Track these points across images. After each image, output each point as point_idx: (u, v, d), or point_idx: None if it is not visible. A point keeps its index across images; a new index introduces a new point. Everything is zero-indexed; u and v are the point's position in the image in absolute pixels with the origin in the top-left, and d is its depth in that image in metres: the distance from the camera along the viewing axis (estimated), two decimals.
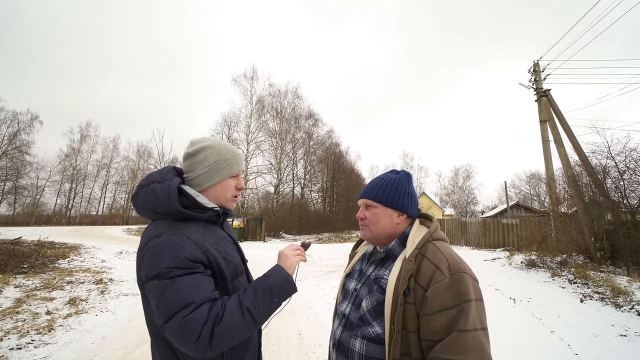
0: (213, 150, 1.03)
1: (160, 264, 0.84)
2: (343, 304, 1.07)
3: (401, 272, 0.89)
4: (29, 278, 6.12)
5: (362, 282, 1.03)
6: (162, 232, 0.89)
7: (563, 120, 9.37)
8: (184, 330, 0.78)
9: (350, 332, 0.98)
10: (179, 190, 0.97)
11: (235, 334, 0.82)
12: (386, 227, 1.02)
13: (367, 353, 0.91)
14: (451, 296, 0.82)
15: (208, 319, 0.79)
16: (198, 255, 0.88)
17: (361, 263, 1.12)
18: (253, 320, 0.85)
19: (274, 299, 0.90)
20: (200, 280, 0.86)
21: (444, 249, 0.93)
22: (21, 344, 3.16)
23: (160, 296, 0.82)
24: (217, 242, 0.98)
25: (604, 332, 3.71)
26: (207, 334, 0.78)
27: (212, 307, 0.82)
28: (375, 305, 0.93)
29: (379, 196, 1.03)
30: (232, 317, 0.82)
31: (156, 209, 0.95)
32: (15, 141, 31.85)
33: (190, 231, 0.91)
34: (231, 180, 1.06)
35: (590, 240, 7.87)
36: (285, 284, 0.94)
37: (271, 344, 3.33)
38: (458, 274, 0.86)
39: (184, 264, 0.84)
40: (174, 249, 0.85)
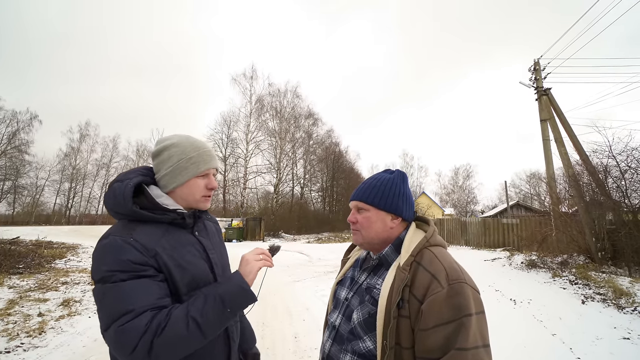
0: (177, 148, 0.96)
1: (102, 266, 0.78)
2: (333, 314, 0.99)
3: (395, 282, 0.82)
4: (24, 279, 6.05)
5: (354, 292, 0.95)
6: (110, 234, 0.83)
7: (564, 119, 9.29)
8: (120, 340, 0.72)
9: (340, 346, 0.90)
10: (141, 190, 0.91)
11: (178, 347, 0.75)
12: (379, 232, 0.94)
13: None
14: (449, 310, 0.74)
15: (148, 329, 0.72)
16: (145, 259, 0.81)
17: (353, 270, 1.04)
18: (200, 331, 0.77)
19: (226, 309, 0.81)
20: (146, 286, 0.79)
21: (442, 256, 0.85)
22: (10, 347, 3.09)
23: (101, 302, 0.77)
24: (175, 247, 0.89)
25: (606, 334, 3.63)
26: (146, 345, 0.71)
27: (155, 316, 0.75)
28: (366, 317, 0.86)
29: (370, 198, 0.94)
30: (176, 327, 0.74)
31: (116, 209, 0.89)
32: (15, 140, 31.82)
33: (142, 233, 0.84)
34: (199, 180, 0.97)
35: (591, 240, 7.79)
36: (240, 293, 0.85)
37: (266, 347, 3.26)
38: (457, 284, 0.77)
39: (128, 267, 0.78)
40: (117, 251, 0.79)
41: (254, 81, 28.25)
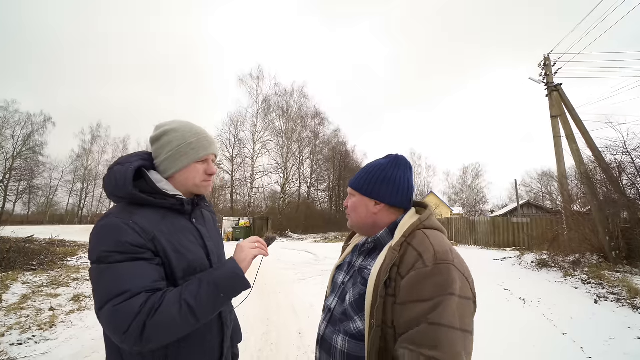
0: (177, 133, 0.95)
1: (100, 246, 0.79)
2: (330, 297, 1.00)
3: (384, 262, 0.81)
4: (37, 275, 6.21)
5: (350, 275, 0.95)
6: (110, 214, 0.84)
7: (575, 115, 9.07)
8: (113, 320, 0.73)
9: (333, 327, 0.91)
10: (141, 174, 0.91)
11: (170, 330, 0.75)
12: (363, 217, 0.95)
13: (348, 351, 0.83)
14: (430, 287, 0.72)
15: (141, 311, 0.73)
16: (143, 242, 0.81)
17: (352, 255, 1.04)
18: (193, 315, 0.77)
19: (220, 294, 0.81)
20: (143, 268, 0.79)
21: (434, 237, 0.83)
22: (22, 340, 3.17)
23: (96, 281, 0.78)
24: (173, 232, 0.89)
25: (620, 334, 3.52)
26: (138, 326, 0.72)
27: (149, 298, 0.75)
28: (357, 298, 0.85)
29: (355, 184, 0.98)
30: (169, 310, 0.75)
31: (115, 192, 0.89)
32: (29, 142, 32.71)
33: (141, 216, 0.85)
34: (198, 165, 0.97)
35: (604, 239, 7.58)
36: (234, 278, 0.85)
37: (270, 342, 3.26)
38: (444, 265, 0.75)
39: (126, 249, 0.78)
40: (116, 232, 0.79)
41: (260, 81, 28.42)
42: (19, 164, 32.05)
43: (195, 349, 0.89)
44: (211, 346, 0.93)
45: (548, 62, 10.34)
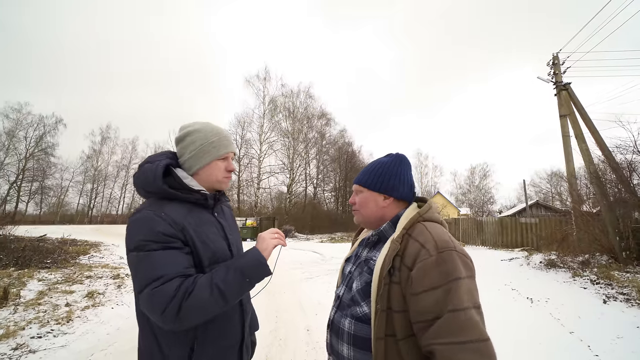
0: (199, 133, 1.04)
1: (137, 237, 0.87)
2: (340, 287, 1.07)
3: (388, 253, 0.88)
4: (52, 272, 6.38)
5: (357, 265, 1.03)
6: (143, 208, 0.92)
7: (584, 114, 8.97)
8: (153, 302, 0.81)
9: (341, 312, 0.98)
10: (169, 171, 0.99)
11: (203, 310, 0.84)
12: (373, 211, 1.02)
13: (355, 332, 0.91)
14: (438, 275, 0.79)
15: (177, 293, 0.81)
16: (174, 232, 0.89)
17: (359, 248, 1.11)
18: (222, 297, 0.86)
19: (245, 279, 0.90)
20: (175, 256, 0.88)
21: (433, 228, 0.90)
22: (41, 333, 3.30)
23: (136, 268, 0.86)
24: (199, 224, 0.98)
25: (628, 334, 3.51)
26: (175, 307, 0.80)
27: (183, 282, 0.84)
28: (364, 286, 0.92)
29: (364, 181, 1.04)
30: (201, 293, 0.83)
31: (146, 187, 0.98)
32: (41, 143, 33.46)
33: (170, 209, 0.93)
34: (219, 163, 1.06)
35: (614, 239, 7.49)
36: (257, 265, 0.94)
37: (279, 338, 3.34)
38: (446, 252, 0.82)
39: (160, 238, 0.87)
40: (151, 223, 0.88)
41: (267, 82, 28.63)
42: (31, 165, 32.83)
43: (220, 331, 0.97)
44: (234, 330, 1.02)
45: (557, 61, 10.24)
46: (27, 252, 7.80)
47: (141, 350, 0.96)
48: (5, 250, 7.76)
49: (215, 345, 0.95)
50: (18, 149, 31.92)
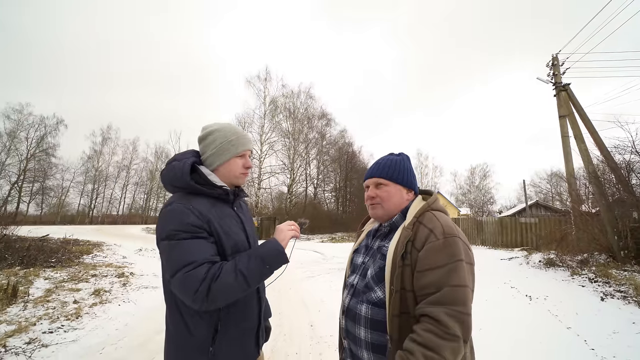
0: (219, 133, 1.14)
1: (168, 226, 0.97)
2: (352, 276, 1.15)
3: (400, 239, 0.97)
4: (57, 271, 6.47)
5: (369, 255, 1.11)
6: (173, 201, 1.02)
7: (584, 114, 9.06)
8: (185, 284, 0.90)
9: (357, 299, 1.06)
10: (194, 168, 1.09)
11: (229, 292, 0.93)
12: (397, 204, 1.09)
13: (372, 316, 0.99)
14: (444, 256, 0.90)
15: (206, 277, 0.90)
16: (201, 223, 0.99)
17: (367, 239, 1.19)
18: (245, 281, 0.95)
19: (266, 266, 1.00)
20: (203, 245, 0.97)
21: (440, 216, 1.00)
22: (52, 329, 3.39)
23: (168, 254, 0.95)
24: (221, 217, 1.07)
25: (624, 329, 3.60)
26: (205, 288, 0.89)
27: (211, 268, 0.93)
28: (377, 271, 1.01)
29: (389, 174, 1.10)
30: (227, 277, 0.93)
31: (174, 183, 1.07)
32: (42, 144, 33.53)
33: (197, 203, 1.02)
34: (238, 160, 1.16)
35: (613, 238, 7.57)
36: (276, 254, 1.03)
37: (283, 333, 3.42)
38: (451, 237, 0.92)
39: (189, 229, 0.96)
40: (181, 215, 0.97)
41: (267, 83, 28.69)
42: (32, 166, 32.90)
43: (240, 314, 1.07)
44: (252, 314, 1.12)
45: (556, 62, 10.33)
46: (31, 252, 7.89)
47: (170, 332, 1.06)
48: (10, 249, 7.84)
49: (236, 327, 1.05)
50: (19, 150, 32.02)
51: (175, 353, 1.03)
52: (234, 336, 1.04)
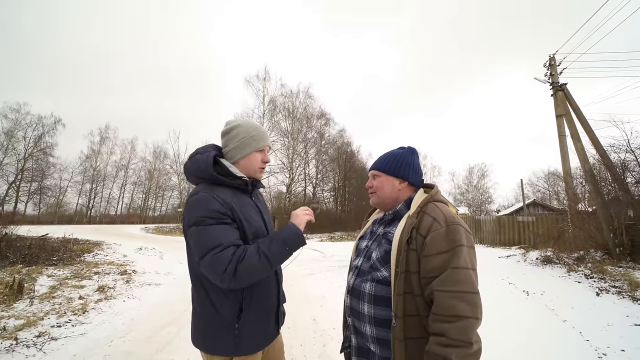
0: (242, 128, 1.23)
1: (196, 213, 1.05)
2: (357, 259, 1.24)
3: (405, 226, 1.06)
4: (59, 269, 6.52)
5: (373, 240, 1.20)
6: (199, 191, 1.10)
7: (580, 114, 9.19)
8: (214, 265, 0.99)
9: (361, 278, 1.15)
10: (215, 161, 1.17)
11: (254, 272, 1.02)
12: (389, 192, 1.20)
13: (375, 292, 1.08)
14: (447, 242, 0.99)
15: (233, 258, 0.99)
16: (225, 210, 1.07)
17: (372, 226, 1.29)
18: (268, 262, 1.04)
19: (286, 248, 1.09)
20: (228, 229, 1.06)
21: (442, 207, 1.09)
22: (60, 323, 3.45)
23: (197, 239, 1.03)
24: (242, 206, 1.16)
25: (618, 322, 3.70)
26: (232, 269, 0.98)
27: (237, 250, 1.02)
28: (383, 254, 1.10)
29: (382, 167, 1.22)
30: (252, 258, 1.01)
31: (198, 174, 1.15)
32: (40, 143, 33.41)
33: (220, 192, 1.11)
34: (257, 154, 1.24)
35: (608, 236, 7.70)
36: (295, 237, 1.12)
37: (287, 326, 3.50)
38: (453, 225, 1.02)
39: (215, 215, 1.05)
40: (207, 202, 1.06)
41: (266, 82, 28.75)
42: (30, 165, 32.79)
43: (262, 294, 1.16)
44: (272, 294, 1.21)
45: (553, 62, 10.46)
46: (33, 250, 7.92)
47: (197, 312, 1.14)
48: (12, 248, 7.88)
49: (259, 306, 1.14)
50: (17, 149, 31.90)
51: (203, 330, 1.11)
52: (257, 314, 1.13)
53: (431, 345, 0.92)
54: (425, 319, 0.98)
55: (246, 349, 1.09)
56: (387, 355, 1.04)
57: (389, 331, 1.02)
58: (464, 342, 0.89)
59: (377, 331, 1.06)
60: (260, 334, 1.14)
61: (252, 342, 1.11)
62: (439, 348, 0.89)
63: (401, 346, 0.98)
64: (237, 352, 1.08)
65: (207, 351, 1.10)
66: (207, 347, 1.10)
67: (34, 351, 2.79)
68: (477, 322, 0.93)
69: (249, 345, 1.10)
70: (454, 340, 0.89)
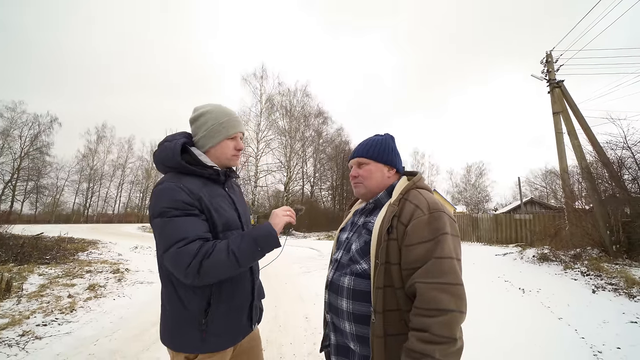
0: (211, 114, 1.14)
1: (161, 204, 0.98)
2: (337, 252, 1.16)
3: (386, 214, 0.99)
4: (51, 268, 6.43)
5: (354, 231, 1.12)
6: (165, 180, 1.03)
7: (577, 111, 9.15)
8: (177, 259, 0.92)
9: (340, 272, 1.07)
10: (186, 149, 1.10)
11: (220, 270, 0.95)
12: (379, 181, 1.11)
13: (354, 287, 1.01)
14: (429, 231, 0.91)
15: (198, 253, 0.92)
16: (192, 201, 1.00)
17: (353, 217, 1.21)
18: (236, 261, 0.96)
19: (257, 248, 1.01)
20: (195, 222, 0.99)
21: (425, 194, 1.02)
22: (46, 322, 3.37)
23: (161, 231, 0.97)
24: (213, 196, 1.09)
25: (613, 319, 3.66)
26: (196, 264, 0.91)
27: (204, 245, 0.95)
28: (363, 245, 1.03)
29: (369, 153, 1.12)
30: (219, 255, 0.94)
31: (165, 162, 1.08)
32: (36, 142, 33.16)
33: (188, 182, 1.04)
34: (229, 142, 1.16)
35: (605, 233, 7.68)
36: (268, 236, 1.04)
37: (278, 324, 3.44)
38: (436, 212, 0.94)
39: (180, 206, 0.98)
40: (172, 192, 0.99)
41: (264, 81, 28.58)
42: (26, 164, 32.54)
43: (232, 292, 1.09)
44: (244, 293, 1.14)
45: (550, 58, 10.42)
46: (26, 249, 7.83)
47: (165, 308, 1.07)
48: (4, 246, 7.79)
49: (228, 302, 1.07)
50: (13, 148, 31.66)
51: (172, 328, 1.05)
52: (226, 310, 1.06)
53: (412, 341, 0.84)
54: (407, 314, 0.91)
55: (213, 346, 1.03)
56: (367, 354, 0.97)
57: (369, 328, 0.95)
58: (448, 338, 0.83)
59: (356, 328, 0.99)
60: (230, 330, 1.07)
61: (220, 338, 1.05)
62: (421, 345, 0.82)
63: (380, 343, 0.91)
64: (204, 349, 1.02)
65: (174, 348, 1.04)
66: (175, 344, 1.04)
67: (16, 350, 2.71)
68: (461, 317, 0.86)
69: (216, 342, 1.04)
70: (437, 336, 0.82)
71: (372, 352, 0.92)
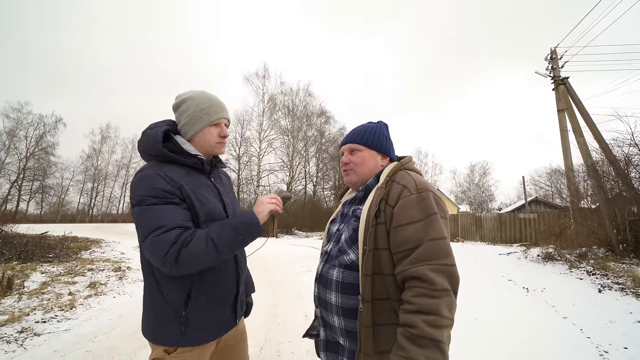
0: (192, 101, 1.10)
1: (139, 192, 0.95)
2: (327, 245, 1.12)
3: (374, 198, 0.94)
4: (54, 266, 6.46)
5: (344, 222, 1.08)
6: (144, 168, 1.00)
7: (582, 108, 9.02)
8: (155, 247, 0.89)
9: (329, 264, 1.04)
10: (168, 137, 1.06)
11: (198, 259, 0.91)
12: (372, 169, 1.07)
13: (343, 279, 0.97)
14: (419, 211, 0.87)
15: (176, 241, 0.89)
16: (172, 189, 0.97)
17: (343, 208, 1.17)
18: (216, 250, 0.93)
19: (238, 236, 0.97)
20: (174, 210, 0.95)
21: (413, 174, 0.98)
22: (46, 319, 3.37)
23: (139, 219, 0.93)
24: (196, 186, 1.05)
25: (620, 319, 3.58)
26: (174, 252, 0.88)
27: (182, 233, 0.91)
28: (351, 233, 0.99)
29: (364, 140, 1.08)
30: (198, 243, 0.91)
31: (147, 150, 1.05)
32: (42, 143, 33.50)
33: (169, 170, 1.00)
34: (212, 129, 1.11)
35: (611, 232, 7.55)
36: (250, 224, 1.00)
37: (277, 322, 3.41)
38: (425, 192, 0.90)
39: (159, 194, 0.94)
40: (151, 180, 0.96)
41: (266, 80, 28.61)
42: (32, 164, 32.90)
43: (214, 282, 1.05)
44: (228, 282, 1.09)
45: (554, 55, 10.28)
46: (29, 247, 7.87)
47: (146, 299, 1.04)
48: (8, 245, 7.83)
49: (210, 293, 1.03)
50: (18, 149, 32.00)
51: (152, 320, 1.02)
52: (207, 302, 1.02)
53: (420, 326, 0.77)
54: (396, 303, 0.87)
55: (194, 339, 0.99)
56: (356, 349, 0.93)
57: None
58: (452, 320, 0.82)
59: (345, 322, 0.95)
60: (211, 323, 1.04)
61: (201, 332, 1.01)
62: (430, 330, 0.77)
63: (369, 333, 0.87)
64: (183, 342, 0.98)
65: (154, 341, 1.01)
66: (154, 337, 1.01)
67: (14, 347, 2.70)
68: (455, 298, 0.84)
69: (197, 335, 1.00)
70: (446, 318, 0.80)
71: (360, 342, 0.88)
